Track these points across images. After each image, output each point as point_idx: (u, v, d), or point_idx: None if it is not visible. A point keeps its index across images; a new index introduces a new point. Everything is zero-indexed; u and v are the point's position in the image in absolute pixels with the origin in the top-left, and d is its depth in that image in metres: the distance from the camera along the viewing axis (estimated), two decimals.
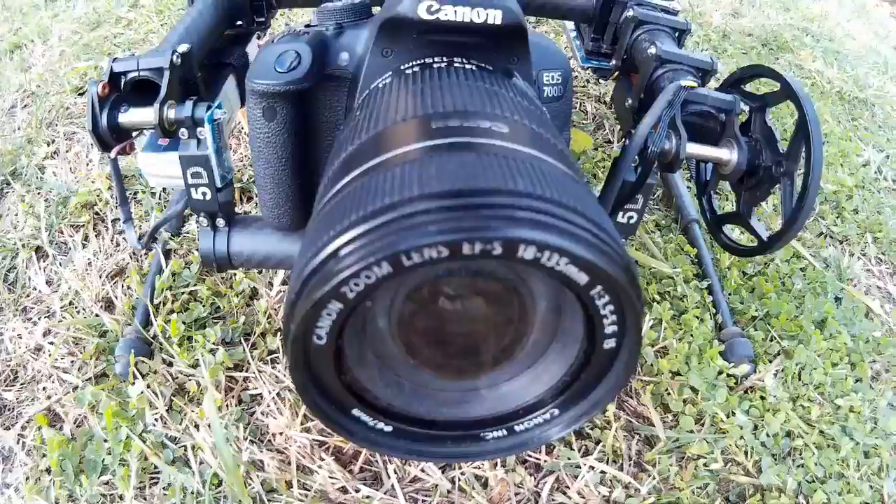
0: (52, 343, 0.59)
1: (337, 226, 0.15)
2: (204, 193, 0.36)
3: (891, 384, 0.63)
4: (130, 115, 0.36)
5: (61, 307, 0.61)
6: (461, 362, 0.20)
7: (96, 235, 0.65)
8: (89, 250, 0.64)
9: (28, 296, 0.66)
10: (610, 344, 0.17)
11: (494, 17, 0.26)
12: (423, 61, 0.27)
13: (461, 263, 0.14)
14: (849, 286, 0.70)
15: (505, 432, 0.20)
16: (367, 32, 0.31)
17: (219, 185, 0.36)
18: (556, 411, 0.20)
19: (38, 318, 0.62)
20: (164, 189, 0.68)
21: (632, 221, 0.38)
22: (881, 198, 0.91)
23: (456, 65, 0.25)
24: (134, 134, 0.40)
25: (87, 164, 0.78)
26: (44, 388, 0.57)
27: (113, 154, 0.38)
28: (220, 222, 0.37)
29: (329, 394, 0.18)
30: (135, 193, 0.68)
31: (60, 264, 0.66)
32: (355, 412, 0.19)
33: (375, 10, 0.49)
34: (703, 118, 0.39)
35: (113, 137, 0.37)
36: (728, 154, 0.38)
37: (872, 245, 0.80)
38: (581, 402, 0.20)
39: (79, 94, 1.00)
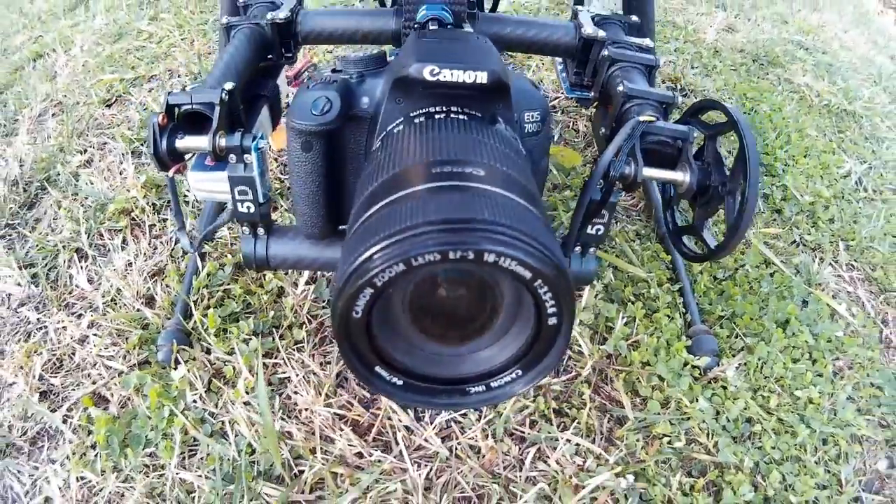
0: (96, 335, 0.68)
1: (370, 240, 0.24)
2: (248, 207, 0.45)
3: (852, 380, 0.71)
4: (186, 142, 0.45)
5: (104, 303, 0.71)
6: (452, 333, 0.29)
7: (134, 239, 0.75)
8: (128, 252, 0.73)
9: (71, 293, 0.76)
10: (553, 321, 0.26)
11: (482, 77, 0.35)
12: (427, 110, 0.36)
13: (449, 265, 0.23)
14: (817, 290, 0.78)
15: (483, 388, 0.29)
16: (383, 82, 0.40)
17: (261, 200, 0.45)
18: (520, 372, 0.29)
19: (83, 312, 0.72)
20: (196, 200, 0.77)
21: (599, 232, 0.47)
22: (859, 207, 1.00)
23: (452, 115, 0.35)
24: (186, 156, 0.49)
25: (121, 174, 0.88)
26: (89, 375, 0.67)
27: (170, 173, 0.47)
28: (261, 231, 0.46)
29: (361, 355, 0.27)
30: (169, 201, 0.78)
31: (101, 265, 0.76)
32: (377, 369, 0.28)
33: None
34: (663, 145, 0.48)
35: (170, 159, 0.47)
36: (682, 176, 0.47)
37: (845, 252, 0.88)
38: (537, 365, 0.29)
39: (106, 106, 1.10)
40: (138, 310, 0.66)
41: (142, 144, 0.93)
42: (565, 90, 0.61)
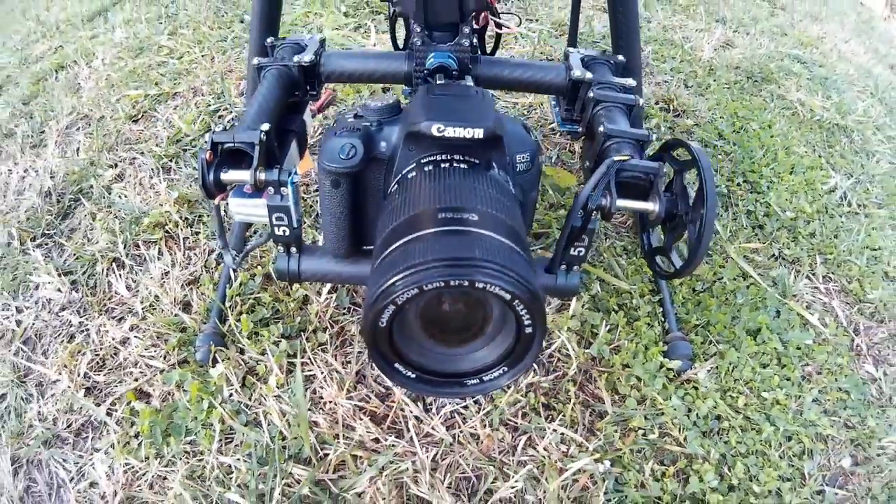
0: (137, 337, 0.79)
1: (392, 271, 0.34)
2: (284, 231, 0.55)
3: (820, 384, 0.81)
4: (230, 175, 0.55)
5: (143, 308, 0.81)
6: (453, 339, 0.39)
7: (169, 250, 0.86)
8: (164, 262, 0.84)
9: (110, 299, 0.87)
10: (528, 331, 0.36)
11: (479, 133, 0.45)
12: (434, 158, 0.46)
13: (451, 289, 0.33)
14: (791, 301, 0.88)
15: (478, 381, 0.39)
16: (398, 130, 0.51)
17: (295, 225, 0.55)
18: (506, 368, 0.39)
19: (123, 317, 0.83)
20: (201, 187, 0.88)
21: (580, 254, 0.57)
22: (841, 222, 1.09)
23: (454, 164, 0.45)
24: (229, 186, 0.59)
25: (152, 188, 0.99)
26: (131, 373, 0.78)
27: (217, 201, 0.58)
28: (293, 250, 0.57)
29: (384, 355, 0.37)
30: (200, 216, 0.89)
31: (138, 273, 0.87)
32: (396, 365, 0.38)
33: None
34: (637, 179, 0.58)
35: (215, 189, 0.57)
36: (652, 206, 0.57)
37: (822, 266, 0.98)
38: (518, 363, 0.38)
39: (133, 122, 1.21)
40: (176, 315, 0.77)
41: (170, 160, 1.04)
42: (557, 123, 0.71)
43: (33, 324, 0.89)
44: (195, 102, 1.16)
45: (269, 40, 0.71)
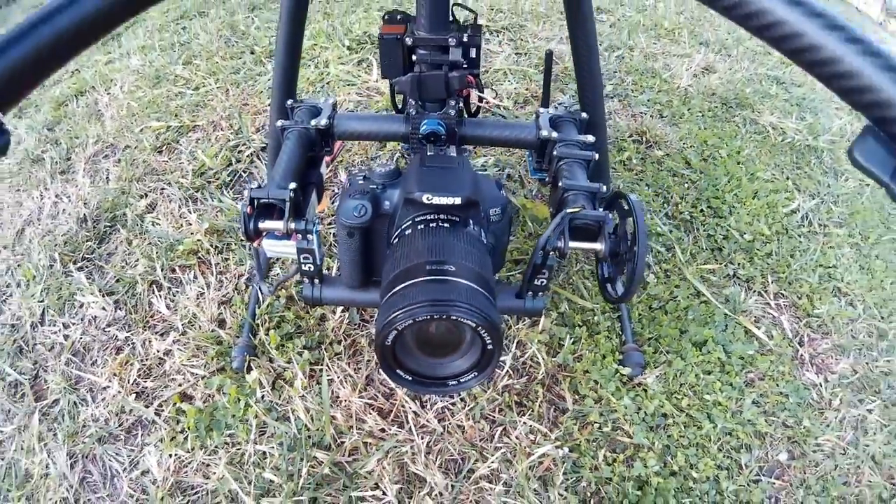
0: (179, 349, 0.99)
1: (394, 307, 0.53)
2: (309, 267, 0.76)
3: (761, 389, 1.01)
4: (266, 224, 0.76)
5: (183, 324, 1.02)
6: (438, 352, 0.59)
7: (202, 274, 1.06)
8: (199, 285, 1.05)
9: (152, 316, 1.07)
10: (489, 348, 0.56)
11: (458, 200, 0.65)
12: (425, 217, 0.66)
13: (435, 320, 0.53)
14: (740, 316, 1.08)
15: (455, 382, 0.59)
16: (398, 193, 0.71)
17: (318, 263, 0.75)
18: (476, 373, 0.59)
19: (165, 332, 1.03)
20: (250, 247, 1.08)
21: (542, 283, 0.77)
22: (799, 242, 1.29)
23: (440, 223, 0.65)
24: (264, 232, 0.80)
25: (182, 217, 1.20)
26: (174, 379, 0.98)
27: (256, 244, 0.78)
28: (316, 281, 0.77)
29: (389, 364, 0.57)
30: (228, 244, 1.09)
31: (175, 294, 1.07)
32: (398, 371, 0.58)
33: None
34: (588, 225, 0.78)
35: (255, 235, 0.77)
36: (600, 246, 0.77)
37: (774, 284, 1.17)
38: (484, 370, 0.58)
39: (157, 152, 1.42)
40: (213, 330, 0.97)
41: (196, 192, 1.24)
42: (530, 171, 0.91)
43: (81, 338, 1.09)
44: (215, 137, 1.37)
45: (289, 103, 0.91)
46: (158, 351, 1.01)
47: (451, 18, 0.80)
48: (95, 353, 1.07)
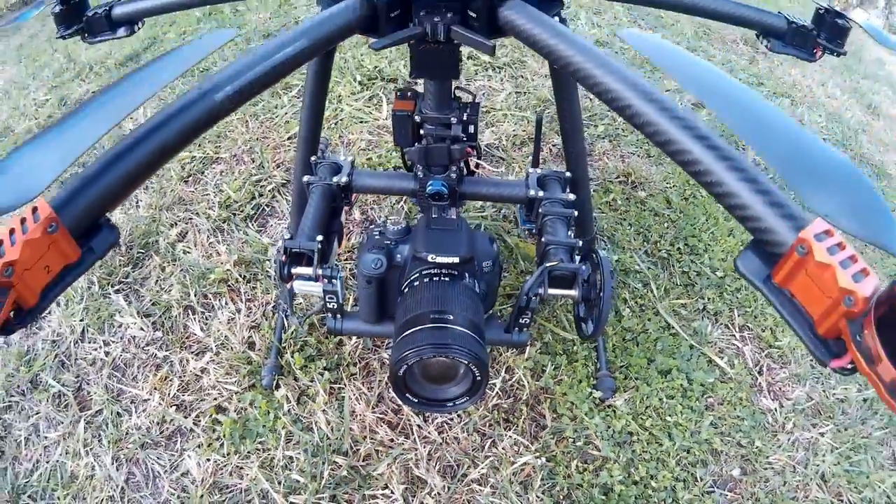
0: (214, 367, 1.22)
1: (405, 348, 0.76)
2: (333, 305, 0.98)
3: (719, 412, 1.23)
4: (297, 270, 0.98)
5: (216, 346, 1.25)
6: (439, 381, 0.81)
7: (232, 301, 1.29)
8: (230, 311, 1.27)
9: (188, 338, 1.30)
10: (478, 379, 0.78)
11: (455, 259, 0.88)
12: (430, 271, 0.89)
13: (437, 359, 0.76)
14: (705, 347, 1.30)
15: (452, 404, 0.81)
16: (408, 249, 0.94)
17: (340, 302, 0.98)
18: (468, 397, 0.81)
19: (201, 352, 1.26)
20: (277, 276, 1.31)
21: (526, 321, 0.99)
22: None
23: (442, 277, 0.88)
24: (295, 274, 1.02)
25: (211, 246, 1.42)
26: (210, 394, 1.21)
27: (289, 286, 1.01)
28: (339, 316, 0.99)
29: (401, 389, 0.79)
30: (255, 274, 1.32)
31: (208, 318, 1.30)
32: (407, 395, 0.80)
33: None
34: (564, 275, 1.01)
35: (288, 278, 1.00)
36: (574, 293, 0.99)
37: (740, 317, 1.40)
38: (474, 395, 0.81)
39: (184, 182, 1.65)
40: (244, 351, 1.20)
41: (223, 223, 1.47)
42: (520, 222, 1.14)
43: (121, 355, 1.32)
44: (238, 170, 1.60)
45: (313, 159, 1.14)
46: (195, 369, 1.24)
47: (452, 97, 1.03)
48: (135, 369, 1.30)
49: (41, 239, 0.45)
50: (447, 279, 0.88)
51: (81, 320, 1.39)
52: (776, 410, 1.28)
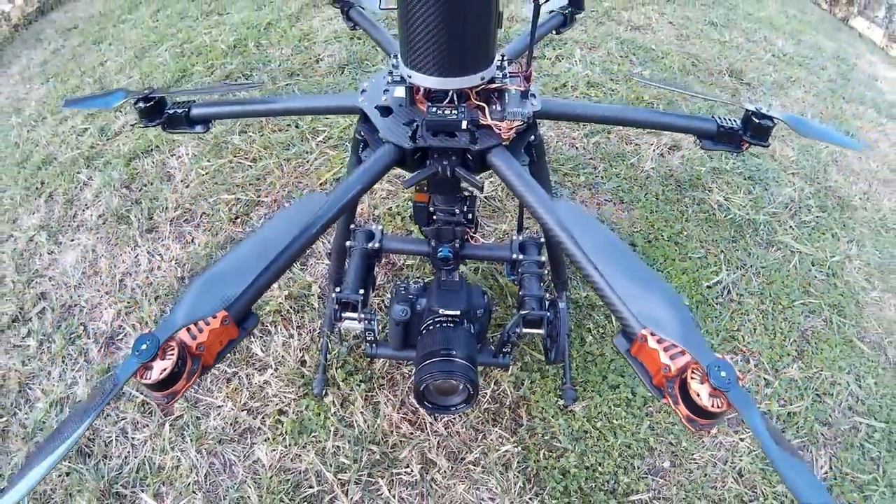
0: (275, 380, 1.86)
1: (423, 373, 1.38)
2: (371, 336, 1.62)
3: (656, 419, 1.87)
4: (346, 314, 1.62)
5: (275, 363, 1.89)
6: (446, 394, 1.43)
7: (285, 328, 1.93)
8: (283, 335, 1.91)
9: (251, 357, 1.94)
10: (471, 392, 1.41)
11: (457, 312, 1.52)
12: (440, 320, 1.53)
13: (445, 381, 1.38)
14: None
15: (454, 408, 1.45)
16: (425, 302, 1.57)
17: (376, 335, 1.62)
18: (465, 404, 1.44)
19: (263, 368, 1.90)
20: (331, 320, 1.95)
21: (508, 350, 1.63)
22: (713, 310, 2.14)
23: (447, 324, 1.52)
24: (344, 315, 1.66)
25: None
26: (272, 401, 1.85)
27: (334, 330, 1.65)
28: (374, 345, 1.63)
29: (420, 399, 1.41)
30: (303, 306, 1.96)
31: (267, 342, 1.94)
32: (425, 402, 1.43)
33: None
34: (535, 318, 1.65)
35: (337, 320, 1.64)
36: (542, 331, 1.64)
37: None
38: (469, 404, 1.44)
39: (231, 222, 2.28)
40: (298, 368, 1.84)
41: None
42: (507, 275, 1.77)
43: None
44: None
45: (352, 226, 1.77)
46: (259, 381, 1.88)
47: (457, 195, 1.65)
48: (209, 382, 1.94)
49: (219, 328, 1.07)
50: (451, 325, 1.52)
51: None
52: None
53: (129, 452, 1.83)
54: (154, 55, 3.26)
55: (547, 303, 1.60)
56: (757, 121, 1.50)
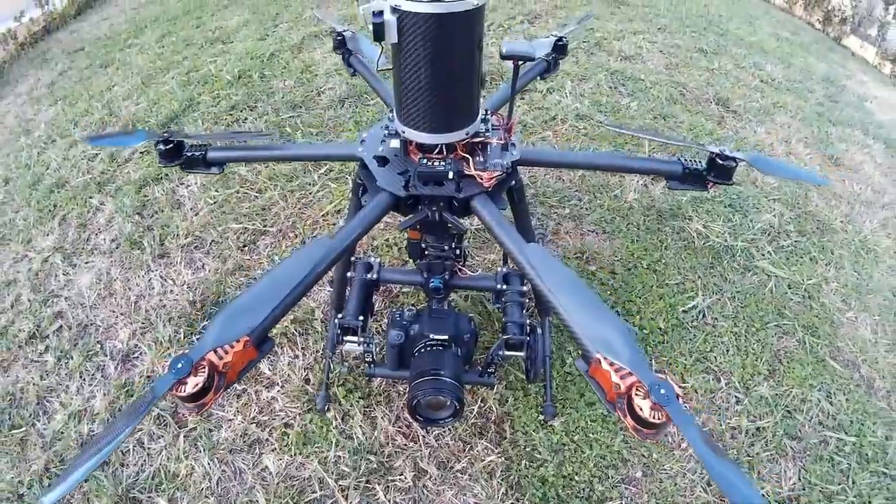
0: (282, 396, 2.18)
1: (416, 391, 1.70)
2: (370, 357, 1.94)
3: (628, 433, 2.18)
4: (348, 338, 1.94)
5: (281, 381, 2.21)
6: (437, 409, 1.74)
7: (291, 349, 2.25)
8: (289, 356, 2.23)
9: (260, 375, 2.26)
10: (457, 407, 1.73)
11: (446, 337, 1.84)
12: (430, 343, 1.86)
13: (434, 398, 1.70)
14: None
15: (443, 422, 1.76)
16: (417, 328, 1.90)
17: (374, 357, 1.94)
18: (452, 419, 1.76)
19: (271, 385, 2.22)
20: (333, 342, 2.27)
21: (493, 371, 1.95)
22: (688, 333, 2.46)
23: (436, 346, 1.84)
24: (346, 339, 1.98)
25: None
26: (279, 415, 2.18)
27: (335, 352, 1.97)
28: (372, 365, 1.95)
29: (413, 413, 1.73)
30: (307, 329, 2.28)
31: (273, 361, 2.26)
32: (417, 416, 1.74)
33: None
34: (516, 342, 1.97)
35: (339, 343, 1.96)
36: (522, 354, 1.96)
37: (656, 363, 2.35)
38: (456, 418, 1.75)
39: (240, 250, 2.60)
40: (302, 385, 2.16)
41: None
42: (493, 303, 2.09)
43: None
44: (284, 244, 2.55)
45: (353, 258, 2.09)
46: (267, 397, 2.20)
47: (447, 233, 1.97)
48: (222, 400, 2.26)
49: (241, 351, 1.39)
50: (440, 348, 1.84)
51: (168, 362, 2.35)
52: (675, 433, 2.23)
53: (145, 461, 2.14)
54: (161, 82, 3.61)
55: (528, 328, 1.91)
56: (721, 162, 1.79)
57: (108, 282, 2.65)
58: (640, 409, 1.21)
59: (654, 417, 1.20)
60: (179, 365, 1.25)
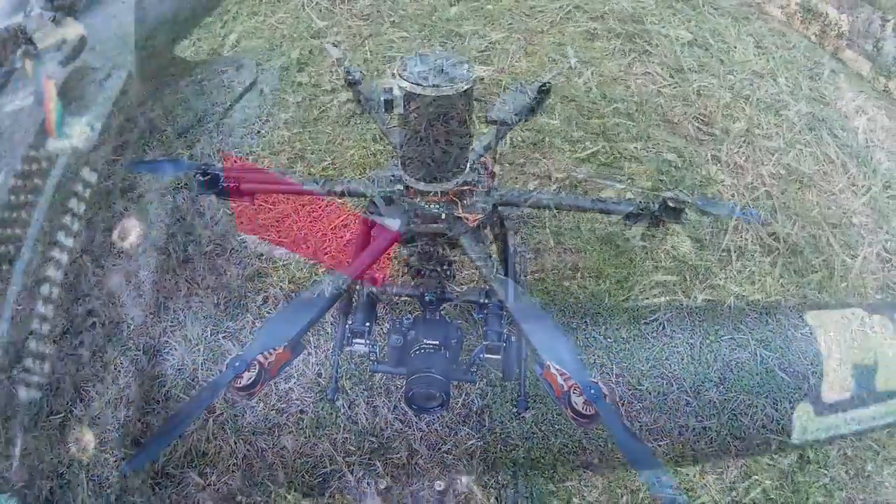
0: (298, 387, 2.89)
1: (412, 386, 2.40)
2: (372, 357, 2.63)
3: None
4: (356, 340, 2.64)
5: (297, 374, 2.91)
6: (427, 400, 2.44)
7: (305, 349, 2.94)
8: (303, 353, 2.92)
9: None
10: (445, 400, 2.43)
11: (437, 342, 2.55)
12: (423, 346, 2.57)
13: (427, 392, 2.40)
14: None
15: (433, 410, 2.47)
16: (414, 332, 2.60)
17: (378, 356, 2.63)
18: (441, 409, 2.46)
19: (288, 378, 2.92)
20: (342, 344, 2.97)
21: (475, 370, 2.65)
22: (647, 342, 3.16)
23: (429, 349, 2.54)
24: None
25: None
26: (295, 403, 2.88)
27: (341, 352, 2.67)
28: (375, 362, 2.64)
29: (409, 402, 2.42)
30: (318, 331, 2.98)
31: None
32: (412, 405, 2.44)
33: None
34: (495, 347, 2.67)
35: (348, 344, 2.66)
36: (499, 357, 2.67)
37: (617, 368, 3.05)
38: (444, 407, 2.46)
39: (258, 258, 3.29)
40: (315, 379, 2.87)
41: (292, 294, 3.11)
42: (476, 314, 2.79)
43: None
44: (295, 261, 3.24)
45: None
46: (285, 388, 2.90)
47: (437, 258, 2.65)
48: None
49: (281, 353, 2.10)
50: (432, 350, 2.54)
51: (197, 357, 3.05)
52: (633, 427, 2.94)
53: (177, 442, 2.83)
54: None
55: (505, 336, 2.59)
56: (672, 205, 2.46)
57: (136, 283, 3.31)
58: (576, 404, 1.89)
59: (585, 410, 1.88)
60: (237, 363, 1.94)
